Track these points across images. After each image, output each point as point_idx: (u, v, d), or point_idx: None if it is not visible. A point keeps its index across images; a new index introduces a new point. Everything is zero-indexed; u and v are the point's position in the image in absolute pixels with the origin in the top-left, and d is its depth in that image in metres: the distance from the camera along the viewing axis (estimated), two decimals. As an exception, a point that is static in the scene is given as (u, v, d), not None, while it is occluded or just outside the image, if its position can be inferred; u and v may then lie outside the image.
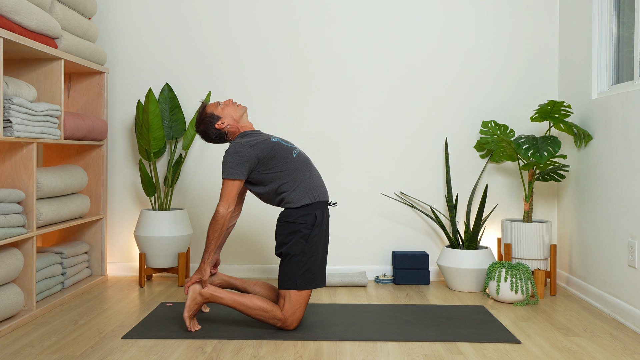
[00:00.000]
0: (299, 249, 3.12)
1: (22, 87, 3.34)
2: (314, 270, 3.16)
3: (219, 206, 3.08)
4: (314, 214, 3.16)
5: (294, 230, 3.14)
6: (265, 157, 3.13)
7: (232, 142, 3.19)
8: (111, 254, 4.53)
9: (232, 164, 3.09)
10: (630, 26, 3.62)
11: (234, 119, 3.29)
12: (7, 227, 3.17)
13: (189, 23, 4.51)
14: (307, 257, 3.14)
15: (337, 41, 4.49)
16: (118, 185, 4.54)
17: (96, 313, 3.51)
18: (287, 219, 3.16)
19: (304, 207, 3.15)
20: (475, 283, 4.06)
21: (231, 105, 3.32)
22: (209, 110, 3.31)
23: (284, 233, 3.16)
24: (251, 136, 3.22)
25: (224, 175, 3.10)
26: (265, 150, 3.14)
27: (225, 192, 3.09)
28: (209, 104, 3.35)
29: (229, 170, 3.09)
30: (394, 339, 3.05)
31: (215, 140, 3.33)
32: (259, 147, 3.14)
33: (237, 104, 3.34)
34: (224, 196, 3.08)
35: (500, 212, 4.48)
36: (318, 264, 3.18)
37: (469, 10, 4.48)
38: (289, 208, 3.16)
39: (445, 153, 4.38)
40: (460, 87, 4.49)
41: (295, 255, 3.13)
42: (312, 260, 3.15)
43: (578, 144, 3.98)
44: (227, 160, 3.10)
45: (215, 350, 2.88)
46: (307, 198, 3.15)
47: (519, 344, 3.00)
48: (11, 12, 3.21)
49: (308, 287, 3.14)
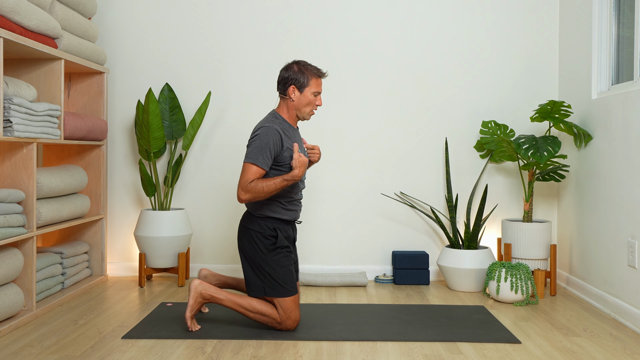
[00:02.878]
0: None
1: (22, 87, 3.34)
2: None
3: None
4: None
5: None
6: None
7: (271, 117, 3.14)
8: (111, 254, 4.53)
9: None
10: (630, 26, 3.62)
11: (295, 108, 3.19)
12: (7, 227, 3.17)
13: (188, 23, 4.51)
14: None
15: (337, 41, 4.48)
16: (118, 185, 4.54)
17: (96, 313, 3.51)
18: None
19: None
20: (475, 283, 4.06)
21: (308, 106, 3.17)
22: (308, 80, 3.14)
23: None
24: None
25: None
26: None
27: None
28: (312, 80, 3.16)
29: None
30: (394, 339, 3.04)
31: (279, 83, 3.19)
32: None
33: (313, 112, 3.21)
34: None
35: (500, 212, 4.48)
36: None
37: (469, 10, 4.48)
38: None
39: (445, 153, 4.38)
40: (461, 87, 4.49)
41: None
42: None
43: (578, 144, 3.98)
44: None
45: (215, 350, 2.88)
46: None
47: (519, 344, 3.00)
48: (11, 12, 3.21)
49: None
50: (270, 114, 3.18)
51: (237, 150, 4.50)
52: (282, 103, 3.20)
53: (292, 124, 3.20)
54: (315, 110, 3.17)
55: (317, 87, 3.16)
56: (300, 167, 2.99)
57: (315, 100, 3.16)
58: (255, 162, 3.01)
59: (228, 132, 4.50)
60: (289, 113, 3.19)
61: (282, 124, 3.13)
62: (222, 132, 4.51)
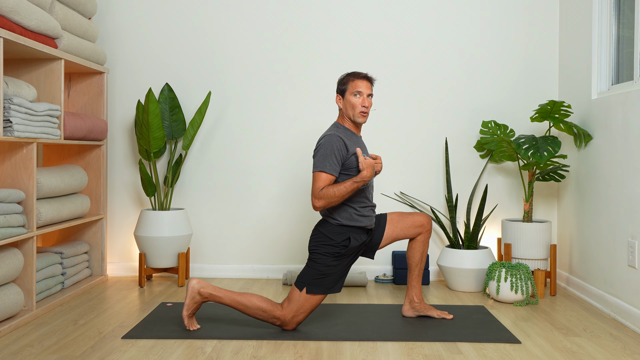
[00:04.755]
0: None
1: (22, 87, 3.34)
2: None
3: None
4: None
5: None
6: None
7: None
8: (111, 254, 4.53)
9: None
10: (630, 26, 3.62)
11: (346, 114, 3.23)
12: (7, 227, 3.17)
13: (188, 23, 4.50)
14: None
15: (337, 41, 4.48)
16: (118, 185, 4.54)
17: (96, 313, 3.51)
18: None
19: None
20: (475, 283, 4.06)
21: (353, 108, 3.20)
22: (346, 85, 3.21)
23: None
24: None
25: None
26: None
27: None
28: (356, 89, 3.20)
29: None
30: (394, 339, 3.04)
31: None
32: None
33: (362, 111, 3.20)
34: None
35: (500, 212, 4.48)
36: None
37: (469, 10, 4.48)
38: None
39: (445, 153, 4.38)
40: (460, 87, 4.49)
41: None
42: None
43: (578, 144, 3.98)
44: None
45: (215, 350, 2.88)
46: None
47: (519, 344, 3.00)
48: (11, 12, 3.21)
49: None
50: (332, 124, 3.26)
51: (237, 150, 4.50)
52: (340, 113, 3.28)
53: (353, 131, 3.25)
54: (364, 110, 3.19)
55: (355, 87, 3.19)
56: (368, 168, 3.06)
57: (358, 101, 3.19)
58: (323, 169, 3.06)
59: (228, 132, 4.50)
60: (345, 120, 3.25)
61: (344, 131, 3.20)
62: (222, 132, 4.51)
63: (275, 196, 4.51)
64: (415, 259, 3.40)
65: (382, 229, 3.34)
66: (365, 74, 3.24)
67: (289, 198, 4.50)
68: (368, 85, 3.22)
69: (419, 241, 3.38)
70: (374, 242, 3.33)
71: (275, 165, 4.50)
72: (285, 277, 4.28)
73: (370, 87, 3.23)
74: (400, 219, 3.37)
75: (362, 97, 3.19)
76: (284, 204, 4.50)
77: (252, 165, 4.51)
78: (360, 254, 3.32)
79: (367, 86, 3.22)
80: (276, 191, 4.51)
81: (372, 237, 3.32)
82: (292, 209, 4.50)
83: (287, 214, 4.50)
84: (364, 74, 3.24)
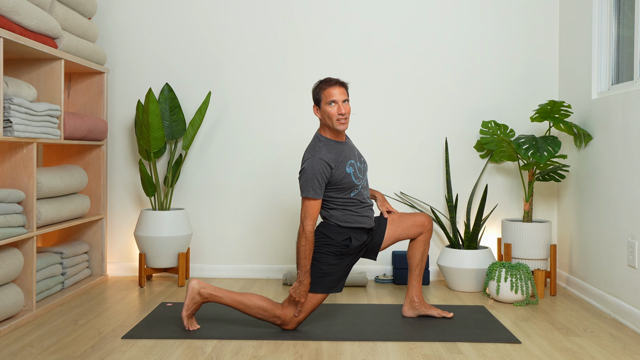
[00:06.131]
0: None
1: (22, 87, 3.34)
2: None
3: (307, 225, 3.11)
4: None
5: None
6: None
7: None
8: (111, 254, 4.53)
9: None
10: (630, 26, 3.62)
11: (325, 124, 3.19)
12: (7, 227, 3.17)
13: (189, 23, 4.50)
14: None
15: (337, 41, 4.49)
16: (118, 185, 4.54)
17: (96, 313, 3.51)
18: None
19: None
20: (475, 283, 4.06)
21: (330, 118, 3.13)
22: (319, 95, 3.16)
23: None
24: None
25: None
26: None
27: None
28: (331, 91, 3.13)
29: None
30: (394, 339, 3.05)
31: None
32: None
33: (339, 119, 3.13)
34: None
35: (500, 212, 4.48)
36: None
37: (469, 11, 4.48)
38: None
39: (445, 153, 4.38)
40: (461, 87, 4.49)
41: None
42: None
43: (578, 144, 3.98)
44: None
45: (215, 350, 2.88)
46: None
47: (519, 344, 3.00)
48: (11, 12, 3.21)
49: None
50: (314, 136, 3.22)
51: (237, 150, 4.50)
52: (320, 123, 3.24)
53: (337, 140, 3.21)
54: (341, 117, 3.12)
55: (330, 96, 3.12)
56: (300, 297, 3.11)
57: (333, 109, 3.11)
58: (307, 195, 3.08)
59: (228, 132, 4.50)
60: (326, 130, 3.21)
61: (325, 144, 3.15)
62: (222, 132, 4.51)
63: (275, 196, 4.51)
64: (416, 259, 3.40)
65: (383, 230, 3.34)
66: (337, 80, 3.16)
67: (289, 198, 4.50)
68: (342, 90, 3.14)
69: (420, 241, 3.39)
70: (375, 243, 3.33)
71: (275, 165, 4.50)
72: (285, 277, 4.29)
73: (345, 92, 3.15)
74: (401, 220, 3.37)
75: (337, 105, 3.11)
76: (284, 204, 4.50)
77: (252, 165, 4.51)
78: (361, 255, 3.32)
79: (341, 92, 3.13)
80: (276, 191, 4.51)
81: (373, 238, 3.32)
82: (292, 209, 4.50)
83: (287, 214, 4.50)
84: (335, 80, 3.16)
